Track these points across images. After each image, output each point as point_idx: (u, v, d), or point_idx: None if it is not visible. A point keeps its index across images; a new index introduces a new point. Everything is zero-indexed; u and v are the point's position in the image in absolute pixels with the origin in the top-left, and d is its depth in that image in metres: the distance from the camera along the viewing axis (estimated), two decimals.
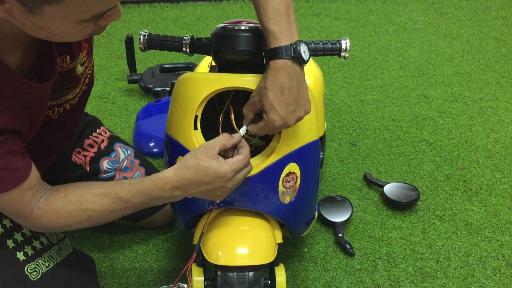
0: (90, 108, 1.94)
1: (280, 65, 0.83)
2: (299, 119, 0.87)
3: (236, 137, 0.87)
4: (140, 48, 1.01)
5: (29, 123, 0.87)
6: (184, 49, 0.98)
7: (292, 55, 0.82)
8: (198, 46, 0.98)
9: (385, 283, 1.21)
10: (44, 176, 1.13)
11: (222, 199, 0.89)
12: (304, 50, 0.84)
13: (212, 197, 0.88)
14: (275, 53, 0.83)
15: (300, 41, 0.84)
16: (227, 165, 0.83)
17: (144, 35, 0.99)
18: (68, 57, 0.92)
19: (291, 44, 0.83)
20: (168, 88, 1.95)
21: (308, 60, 0.85)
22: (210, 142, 0.85)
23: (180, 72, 2.10)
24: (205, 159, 0.83)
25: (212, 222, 0.99)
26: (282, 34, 0.83)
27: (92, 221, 0.90)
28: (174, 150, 0.95)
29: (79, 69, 0.97)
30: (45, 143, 1.04)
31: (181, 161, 0.85)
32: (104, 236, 1.35)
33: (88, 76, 1.04)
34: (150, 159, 1.65)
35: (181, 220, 1.05)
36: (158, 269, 1.26)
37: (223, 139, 0.85)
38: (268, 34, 0.84)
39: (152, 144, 1.68)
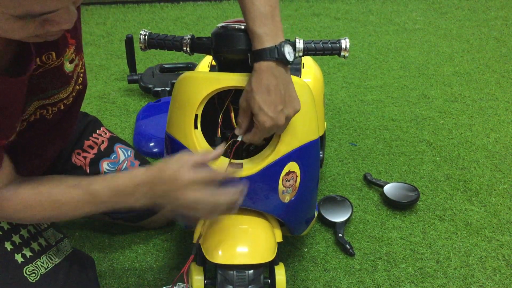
0: (90, 108, 1.94)
1: (265, 67, 0.84)
2: (289, 117, 0.87)
3: (215, 152, 0.86)
4: (141, 47, 1.01)
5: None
6: (184, 48, 0.98)
7: (276, 56, 0.83)
8: (198, 46, 0.98)
9: (385, 283, 1.21)
10: None
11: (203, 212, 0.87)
12: (288, 51, 0.85)
13: (172, 205, 0.86)
14: (260, 55, 0.84)
15: (285, 42, 0.85)
16: (190, 173, 0.81)
17: (145, 35, 1.00)
18: (53, 54, 0.90)
19: (275, 45, 0.84)
20: (168, 88, 1.95)
21: (293, 61, 0.86)
22: (187, 153, 0.84)
23: (180, 72, 2.10)
24: (173, 162, 0.82)
25: (212, 221, 0.99)
26: (267, 36, 0.84)
27: (61, 213, 0.88)
28: (174, 150, 0.95)
29: (68, 66, 0.96)
30: (41, 143, 1.04)
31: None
32: (104, 236, 1.35)
33: (81, 75, 1.04)
34: (150, 159, 1.65)
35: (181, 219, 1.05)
36: (158, 269, 1.26)
37: (203, 154, 0.85)
38: (253, 36, 0.85)
39: (152, 144, 1.68)
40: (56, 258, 1.03)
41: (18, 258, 0.98)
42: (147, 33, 1.00)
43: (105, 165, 1.22)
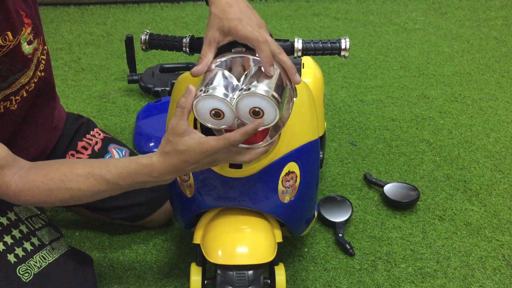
0: (90, 108, 1.94)
1: None
2: (270, 34, 0.84)
3: (190, 93, 0.78)
4: (142, 48, 1.01)
5: None
6: (184, 48, 0.98)
7: None
8: (198, 46, 0.98)
9: (385, 283, 1.21)
10: None
11: (224, 162, 0.84)
12: None
13: (210, 166, 0.84)
14: None
15: None
16: (207, 144, 0.78)
17: (146, 35, 1.00)
18: (9, 33, 0.90)
19: None
20: (168, 88, 1.95)
21: None
22: (173, 119, 0.78)
23: (180, 72, 2.10)
24: (179, 142, 0.78)
25: (211, 221, 0.99)
26: None
27: (75, 200, 0.88)
28: None
29: (26, 47, 0.95)
30: (16, 137, 1.04)
31: (160, 147, 0.81)
32: (104, 236, 1.35)
33: (43, 62, 1.03)
34: None
35: (181, 219, 1.05)
36: (158, 269, 1.26)
37: (180, 106, 0.79)
38: None
39: (152, 144, 1.68)
40: (50, 257, 1.03)
41: (11, 258, 0.98)
42: (148, 34, 1.00)
43: None
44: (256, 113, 0.78)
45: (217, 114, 0.79)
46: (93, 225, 1.39)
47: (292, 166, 0.94)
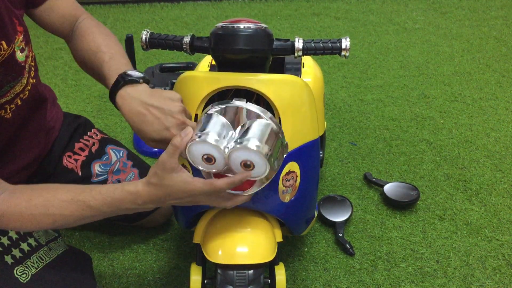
0: (90, 108, 1.94)
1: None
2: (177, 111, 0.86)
3: (187, 134, 0.81)
4: (142, 47, 1.01)
5: None
6: (184, 48, 0.98)
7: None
8: (198, 45, 0.98)
9: (385, 283, 1.21)
10: (33, 181, 1.12)
11: (205, 204, 0.86)
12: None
13: (192, 204, 0.86)
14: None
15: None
16: (192, 185, 0.80)
17: (146, 35, 1.00)
18: (4, 43, 0.90)
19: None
20: (168, 88, 1.95)
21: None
22: (165, 154, 0.81)
23: (180, 71, 2.10)
24: (167, 177, 0.80)
25: (212, 221, 0.99)
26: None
27: (57, 225, 0.88)
28: None
29: (19, 55, 0.95)
30: (9, 147, 1.03)
31: (147, 176, 0.83)
32: (104, 236, 1.35)
33: (33, 69, 1.03)
34: (150, 159, 1.65)
35: (181, 219, 1.05)
36: (158, 269, 1.26)
37: (173, 145, 0.80)
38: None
39: None
40: (47, 257, 1.03)
41: (8, 259, 0.98)
42: (148, 33, 1.00)
43: (97, 167, 1.21)
44: (247, 165, 0.81)
45: (209, 159, 0.82)
46: (93, 225, 1.38)
47: (293, 166, 0.94)
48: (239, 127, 0.84)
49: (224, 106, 0.87)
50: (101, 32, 1.03)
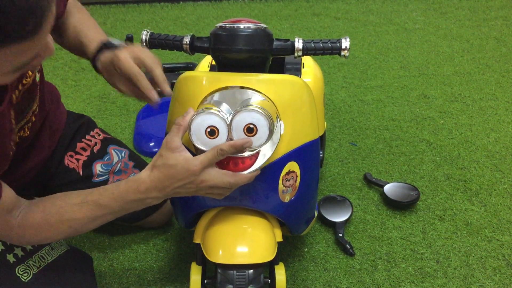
0: (90, 108, 1.94)
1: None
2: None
3: (188, 113, 0.85)
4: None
5: None
6: (184, 48, 0.98)
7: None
8: (198, 46, 0.98)
9: (385, 283, 1.21)
10: (35, 181, 1.13)
11: (210, 184, 0.86)
12: None
13: (189, 194, 0.87)
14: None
15: None
16: (195, 160, 0.81)
17: (146, 35, 1.00)
18: (29, 71, 0.92)
19: None
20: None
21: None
22: (168, 135, 0.83)
23: (180, 72, 2.09)
24: (170, 157, 0.82)
25: (212, 221, 0.99)
26: None
27: (74, 230, 0.90)
28: None
29: (37, 76, 0.97)
30: (26, 151, 1.04)
31: (151, 161, 0.85)
32: (104, 236, 1.35)
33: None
34: (150, 159, 1.65)
35: (181, 218, 1.05)
36: (158, 269, 1.26)
37: (177, 124, 0.83)
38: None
39: (152, 144, 1.68)
40: (48, 257, 1.04)
41: (10, 258, 0.98)
42: (148, 33, 1.00)
43: (98, 167, 1.21)
44: (250, 130, 0.81)
45: (212, 132, 0.82)
46: None
47: (293, 166, 0.94)
48: (240, 102, 0.86)
49: (224, 91, 0.89)
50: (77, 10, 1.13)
